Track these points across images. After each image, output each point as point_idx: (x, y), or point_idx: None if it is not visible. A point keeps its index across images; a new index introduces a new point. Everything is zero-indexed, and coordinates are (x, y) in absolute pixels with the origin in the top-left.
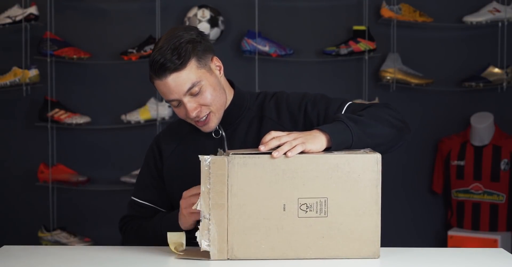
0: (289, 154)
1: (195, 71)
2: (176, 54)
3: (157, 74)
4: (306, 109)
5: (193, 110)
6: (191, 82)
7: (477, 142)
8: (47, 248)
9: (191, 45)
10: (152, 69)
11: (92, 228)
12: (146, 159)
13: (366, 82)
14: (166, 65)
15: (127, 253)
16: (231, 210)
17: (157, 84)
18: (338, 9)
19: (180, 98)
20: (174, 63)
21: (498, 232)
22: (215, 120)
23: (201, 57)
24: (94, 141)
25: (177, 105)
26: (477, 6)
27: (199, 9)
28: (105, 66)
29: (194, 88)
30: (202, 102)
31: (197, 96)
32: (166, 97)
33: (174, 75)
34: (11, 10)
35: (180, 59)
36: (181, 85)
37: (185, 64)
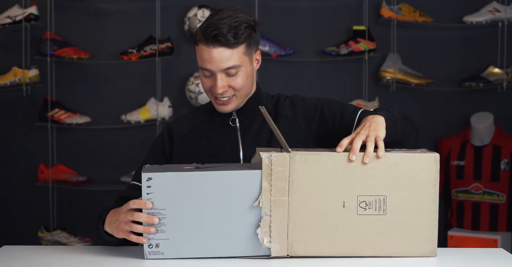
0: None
1: (241, 56)
2: (233, 32)
3: (207, 40)
4: (322, 110)
5: (221, 88)
6: (233, 63)
7: (477, 142)
8: (47, 248)
9: (248, 31)
10: (204, 33)
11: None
12: (153, 145)
13: (366, 82)
14: (219, 37)
15: (127, 253)
16: (292, 206)
17: (200, 49)
18: (338, 9)
19: (215, 71)
20: (228, 40)
21: (498, 232)
22: (234, 104)
23: (250, 46)
24: (94, 141)
25: (207, 76)
26: (477, 6)
27: (199, 9)
28: (105, 66)
29: (232, 70)
30: (233, 84)
31: (230, 77)
32: (203, 64)
33: (221, 49)
34: (11, 10)
35: (235, 39)
36: (223, 61)
37: (236, 45)
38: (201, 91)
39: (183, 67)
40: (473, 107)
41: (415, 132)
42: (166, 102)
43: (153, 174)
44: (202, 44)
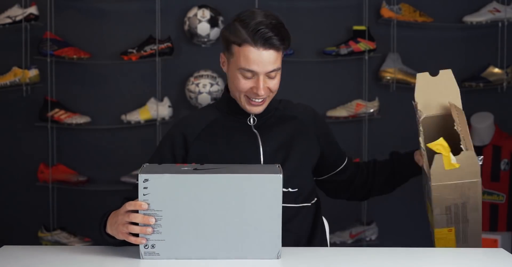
0: None
1: (280, 60)
2: (281, 36)
3: (257, 42)
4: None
5: (263, 89)
6: (277, 66)
7: (477, 142)
8: (47, 248)
9: (289, 35)
10: (255, 35)
11: (92, 228)
12: (162, 146)
13: (366, 82)
14: (272, 40)
15: (127, 253)
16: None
17: (247, 50)
18: (338, 9)
19: (260, 73)
20: (276, 43)
21: (498, 232)
22: (265, 105)
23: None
24: (94, 141)
25: (248, 77)
26: (477, 6)
27: (199, 9)
28: (105, 66)
29: (273, 72)
30: (271, 86)
31: (270, 80)
32: (248, 66)
33: (271, 52)
34: (11, 10)
35: (281, 43)
36: (270, 63)
37: (281, 49)
38: (201, 91)
39: (183, 67)
40: (473, 107)
41: None
42: (166, 102)
43: (150, 176)
44: (250, 46)
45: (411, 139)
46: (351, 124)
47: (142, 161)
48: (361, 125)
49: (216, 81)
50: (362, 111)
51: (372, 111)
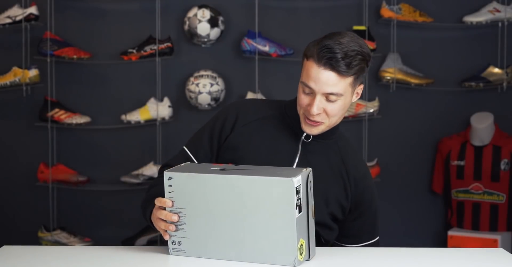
0: None
1: (346, 86)
2: (348, 61)
3: (320, 60)
4: (363, 206)
5: (317, 110)
6: (337, 90)
7: (477, 142)
8: (47, 248)
9: (361, 65)
10: (320, 53)
11: (92, 228)
12: (217, 118)
13: (366, 82)
14: (332, 61)
15: (127, 253)
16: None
17: (310, 65)
18: (338, 9)
19: (316, 92)
20: (340, 66)
21: (498, 232)
22: (321, 129)
23: (357, 79)
24: (94, 141)
25: (307, 93)
26: (477, 6)
27: (199, 9)
28: (105, 66)
29: (333, 96)
30: (328, 110)
31: (328, 103)
32: (307, 81)
33: (330, 74)
34: (11, 10)
35: (346, 69)
36: (328, 85)
37: (346, 75)
38: (201, 91)
39: (183, 67)
40: (473, 107)
41: None
42: (166, 102)
43: (173, 174)
44: (314, 62)
45: (411, 138)
46: (351, 124)
47: (142, 161)
48: (361, 125)
49: (216, 81)
50: (362, 111)
51: (372, 111)
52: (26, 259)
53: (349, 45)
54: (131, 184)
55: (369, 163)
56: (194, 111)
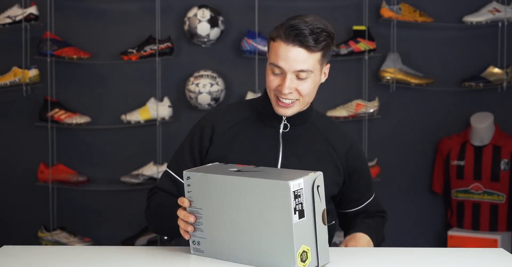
0: None
1: (315, 62)
2: (315, 37)
3: (288, 38)
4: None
5: (288, 88)
6: (307, 66)
7: (477, 142)
8: (47, 248)
9: (328, 40)
10: (286, 31)
11: (92, 228)
12: (193, 132)
13: (366, 82)
14: (300, 37)
15: (127, 253)
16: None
17: (278, 45)
18: (338, 9)
19: (287, 71)
20: (308, 42)
21: (498, 232)
22: (295, 109)
23: (325, 56)
24: (94, 141)
25: (276, 74)
26: (477, 6)
27: (199, 9)
28: (105, 66)
29: (303, 73)
30: (300, 88)
31: (299, 81)
32: (276, 61)
33: (300, 50)
34: (11, 10)
35: (314, 44)
36: (298, 62)
37: (314, 50)
38: (201, 91)
39: (183, 67)
40: (473, 107)
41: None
42: (166, 102)
43: (190, 173)
44: (281, 41)
45: (411, 138)
46: (351, 124)
47: (142, 161)
48: (361, 125)
49: (216, 81)
50: (362, 111)
51: (372, 111)
52: (26, 259)
53: (314, 23)
54: (131, 184)
55: (369, 163)
56: (194, 111)
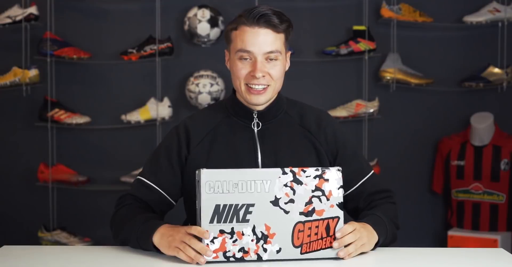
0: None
1: (281, 44)
2: (278, 16)
3: (253, 22)
4: (339, 151)
5: (261, 71)
6: (276, 47)
7: (477, 142)
8: (47, 248)
9: (288, 24)
10: (250, 16)
11: (92, 228)
12: (168, 142)
13: (366, 82)
14: (266, 17)
15: (127, 253)
16: None
17: (242, 31)
18: (338, 9)
19: (257, 54)
20: (273, 21)
21: (498, 232)
22: (268, 96)
23: (287, 40)
24: (94, 141)
25: (245, 59)
26: (477, 6)
27: (199, 9)
28: (105, 66)
29: (273, 54)
30: (271, 72)
31: (269, 63)
32: (244, 47)
33: (268, 31)
34: (11, 10)
35: (280, 22)
36: (267, 44)
37: (281, 30)
38: (201, 91)
39: (183, 67)
40: (473, 107)
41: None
42: (166, 102)
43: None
44: (246, 26)
45: (411, 138)
46: (351, 124)
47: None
48: (361, 125)
49: (216, 81)
50: (362, 111)
51: (372, 111)
52: (26, 259)
53: (273, 8)
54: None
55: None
56: (194, 111)
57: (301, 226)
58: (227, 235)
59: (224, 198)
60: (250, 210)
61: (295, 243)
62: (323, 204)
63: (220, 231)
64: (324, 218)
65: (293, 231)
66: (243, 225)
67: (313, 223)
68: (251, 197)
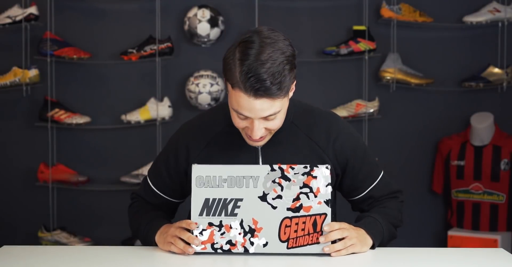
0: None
1: (282, 101)
2: (278, 84)
3: (248, 90)
4: (349, 160)
5: (259, 133)
6: (274, 111)
7: (477, 142)
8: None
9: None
10: (246, 83)
11: (92, 228)
12: (170, 149)
13: (366, 82)
14: (263, 90)
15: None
16: None
17: (238, 95)
18: (338, 9)
19: (253, 118)
20: (272, 93)
21: (498, 232)
22: (266, 140)
23: (291, 84)
24: (94, 141)
25: (242, 118)
26: (477, 6)
27: (199, 9)
28: (105, 66)
29: (272, 116)
30: (270, 127)
31: (268, 121)
32: (239, 110)
33: (264, 100)
34: (11, 10)
35: (279, 91)
36: (264, 110)
37: (281, 96)
38: (201, 91)
39: (183, 67)
40: (473, 107)
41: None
42: (166, 102)
43: None
44: (241, 92)
45: (411, 138)
46: (351, 124)
47: (142, 161)
48: (361, 125)
49: (216, 81)
50: (362, 111)
51: (372, 111)
52: (26, 259)
53: (272, 59)
54: (131, 184)
55: None
56: (194, 111)
57: (288, 222)
58: (216, 227)
59: (213, 192)
60: (238, 204)
61: (282, 237)
62: (311, 201)
63: (209, 224)
64: (312, 215)
65: (280, 226)
66: (231, 219)
67: (300, 219)
68: (239, 192)
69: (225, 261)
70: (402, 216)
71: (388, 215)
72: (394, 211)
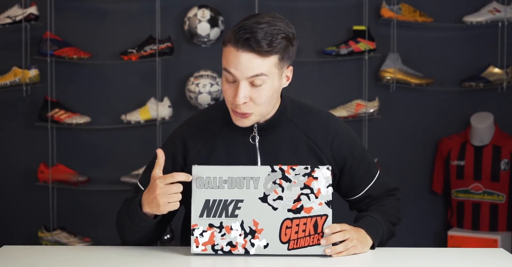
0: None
1: (270, 66)
2: (268, 40)
3: (237, 43)
4: (347, 161)
5: (242, 98)
6: (260, 71)
7: (477, 142)
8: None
9: (284, 43)
10: (236, 35)
11: (92, 228)
12: (166, 149)
13: (366, 82)
14: (251, 42)
15: (127, 253)
16: None
17: (228, 50)
18: (338, 9)
19: (239, 78)
20: (260, 47)
21: (498, 232)
22: (252, 120)
23: (283, 59)
24: (94, 141)
25: (230, 81)
26: (477, 6)
27: (199, 9)
28: (105, 66)
29: (258, 79)
30: (254, 97)
31: (253, 88)
32: (228, 66)
33: (251, 56)
34: (11, 10)
35: (268, 47)
36: (249, 68)
37: (268, 54)
38: (201, 91)
39: (183, 67)
40: (473, 107)
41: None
42: (166, 102)
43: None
44: (231, 46)
45: (411, 138)
46: (351, 124)
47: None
48: (361, 125)
49: (216, 81)
50: (362, 111)
51: (372, 111)
52: (26, 259)
53: (270, 24)
54: (131, 184)
55: None
56: (194, 111)
57: (289, 223)
58: (216, 229)
59: (214, 193)
60: (239, 205)
61: (283, 239)
62: (312, 202)
63: (209, 225)
64: (312, 216)
65: (280, 227)
66: (231, 220)
67: (301, 220)
68: (240, 193)
69: (225, 263)
70: (399, 213)
71: (387, 214)
72: (392, 209)
